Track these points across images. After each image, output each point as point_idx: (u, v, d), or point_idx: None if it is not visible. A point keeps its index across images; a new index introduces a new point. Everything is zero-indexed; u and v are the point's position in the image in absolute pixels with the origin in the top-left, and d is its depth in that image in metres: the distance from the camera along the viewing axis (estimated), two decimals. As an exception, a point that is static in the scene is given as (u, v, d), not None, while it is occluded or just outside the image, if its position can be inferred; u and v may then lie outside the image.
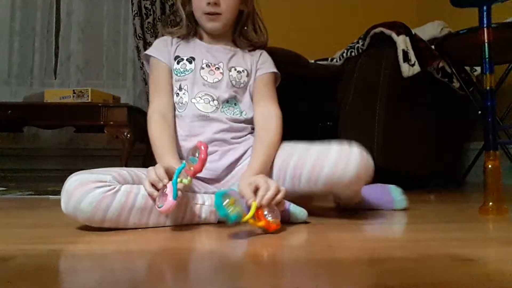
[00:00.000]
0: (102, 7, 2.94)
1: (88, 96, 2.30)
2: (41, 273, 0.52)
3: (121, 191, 0.79)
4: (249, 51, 1.14)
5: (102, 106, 2.25)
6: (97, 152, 2.86)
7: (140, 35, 2.70)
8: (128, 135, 2.23)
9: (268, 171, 0.95)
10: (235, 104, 1.07)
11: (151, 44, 1.19)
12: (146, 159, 2.76)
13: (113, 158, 2.47)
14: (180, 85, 1.06)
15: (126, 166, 2.16)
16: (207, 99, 1.04)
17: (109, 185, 0.78)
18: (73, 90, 2.34)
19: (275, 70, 1.13)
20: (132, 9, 2.73)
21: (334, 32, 2.75)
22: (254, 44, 1.14)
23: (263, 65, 1.13)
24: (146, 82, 2.73)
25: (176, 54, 1.09)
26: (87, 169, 0.84)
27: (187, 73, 1.06)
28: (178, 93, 1.06)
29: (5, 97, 2.69)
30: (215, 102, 1.04)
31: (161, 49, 1.09)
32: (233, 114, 1.06)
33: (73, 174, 0.80)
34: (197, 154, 0.78)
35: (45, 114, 2.29)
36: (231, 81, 1.07)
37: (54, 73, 2.91)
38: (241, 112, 1.07)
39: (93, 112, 2.25)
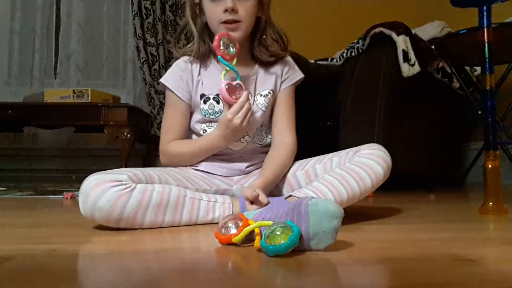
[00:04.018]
0: (102, 7, 2.94)
1: (88, 96, 2.30)
2: (41, 273, 0.52)
3: (137, 189, 0.80)
4: (271, 63, 1.06)
5: (102, 106, 2.25)
6: (97, 152, 2.86)
7: (140, 35, 2.70)
8: (128, 135, 2.23)
9: (270, 187, 0.96)
10: (261, 126, 1.05)
11: (151, 44, 1.17)
12: (146, 159, 2.77)
13: (113, 158, 2.48)
14: (210, 121, 1.02)
15: (126, 166, 2.17)
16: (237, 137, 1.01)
17: (125, 184, 0.79)
18: (73, 90, 2.34)
19: (300, 76, 1.09)
20: (132, 9, 2.73)
21: (334, 32, 2.75)
22: (276, 55, 1.05)
23: (288, 74, 1.07)
24: (146, 82, 2.73)
25: (201, 92, 1.01)
26: (86, 169, 0.85)
27: (217, 115, 1.00)
28: (206, 130, 1.02)
29: (5, 97, 2.69)
30: (246, 137, 1.03)
31: (180, 83, 1.01)
32: (261, 141, 1.05)
33: (90, 175, 0.81)
34: (231, 47, 0.95)
35: (45, 114, 2.29)
36: (260, 109, 1.03)
37: (54, 73, 2.91)
38: (267, 134, 1.07)
39: (93, 112, 2.25)
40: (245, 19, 0.97)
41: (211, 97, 1.01)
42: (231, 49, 0.95)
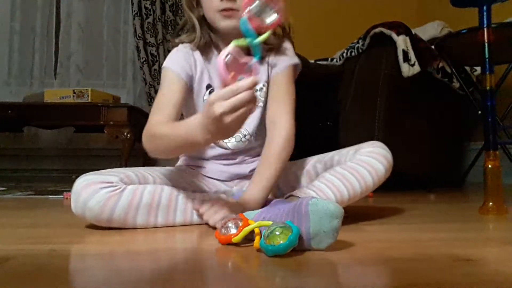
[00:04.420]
0: (102, 7, 2.94)
1: (88, 96, 2.30)
2: (41, 273, 0.52)
3: (127, 189, 0.79)
4: (266, 55, 0.98)
5: (102, 106, 2.25)
6: (97, 152, 2.86)
7: (140, 35, 2.70)
8: (128, 135, 2.23)
9: (267, 193, 0.87)
10: (261, 121, 0.99)
11: (151, 44, 1.11)
12: (146, 159, 2.77)
13: (113, 158, 2.47)
14: None
15: (126, 166, 2.16)
16: (239, 136, 0.97)
17: (115, 185, 0.79)
18: (73, 90, 2.34)
19: (291, 61, 0.98)
20: (132, 9, 2.73)
21: (334, 32, 2.75)
22: (275, 47, 0.98)
23: (277, 60, 0.98)
24: (146, 82, 2.73)
25: (207, 82, 0.96)
26: (87, 169, 0.84)
27: None
28: None
29: (5, 97, 2.69)
30: (247, 136, 0.98)
31: (182, 63, 0.94)
32: (263, 139, 0.97)
33: (82, 175, 0.80)
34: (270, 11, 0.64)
35: (45, 114, 2.29)
36: (257, 104, 0.93)
37: (54, 73, 2.91)
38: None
39: (93, 112, 2.25)
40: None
41: (216, 88, 0.95)
42: (270, 16, 0.66)
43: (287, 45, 1.01)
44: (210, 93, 0.96)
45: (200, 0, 0.95)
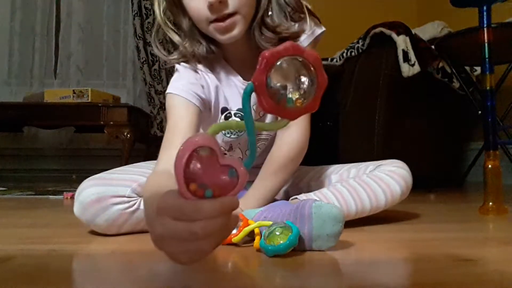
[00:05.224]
0: (102, 7, 2.94)
1: (88, 96, 2.31)
2: (41, 273, 0.52)
3: (140, 210, 0.73)
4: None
5: (102, 106, 2.25)
6: (97, 152, 2.86)
7: (140, 35, 2.70)
8: (128, 135, 2.23)
9: (265, 203, 0.79)
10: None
11: (151, 44, 1.01)
12: (146, 159, 2.76)
13: (113, 158, 2.47)
14: (231, 145, 0.90)
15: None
16: (260, 147, 0.91)
17: (128, 201, 0.73)
18: (73, 90, 2.34)
19: (311, 38, 0.83)
20: (132, 9, 2.73)
21: (334, 32, 2.74)
22: (288, 37, 0.78)
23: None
24: (146, 82, 2.73)
25: (223, 105, 0.84)
26: (87, 169, 0.82)
27: (240, 134, 0.86)
28: (225, 153, 0.90)
29: (5, 97, 2.69)
30: (265, 135, 0.90)
31: (192, 84, 0.79)
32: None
33: (89, 180, 0.73)
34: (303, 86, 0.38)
35: (45, 114, 2.29)
36: None
37: (54, 73, 2.91)
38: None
39: (93, 112, 2.25)
40: (241, 7, 0.73)
41: (232, 112, 0.83)
42: (302, 94, 0.40)
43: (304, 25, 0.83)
44: (225, 117, 0.83)
45: (185, 7, 0.77)
